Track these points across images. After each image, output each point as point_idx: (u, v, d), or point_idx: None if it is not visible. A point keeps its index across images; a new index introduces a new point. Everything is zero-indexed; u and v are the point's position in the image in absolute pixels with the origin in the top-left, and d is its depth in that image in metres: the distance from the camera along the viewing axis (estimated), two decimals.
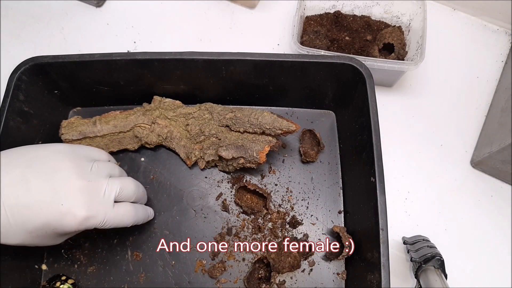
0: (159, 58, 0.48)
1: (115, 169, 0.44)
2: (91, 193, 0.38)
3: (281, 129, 0.48)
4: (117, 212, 0.40)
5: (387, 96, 0.60)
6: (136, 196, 0.44)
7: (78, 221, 0.37)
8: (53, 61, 0.48)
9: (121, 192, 0.41)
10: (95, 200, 0.38)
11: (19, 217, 0.35)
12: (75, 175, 0.38)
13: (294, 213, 0.51)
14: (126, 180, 0.43)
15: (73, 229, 0.37)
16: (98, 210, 0.38)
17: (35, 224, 0.36)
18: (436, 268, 0.46)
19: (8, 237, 0.36)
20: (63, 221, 0.36)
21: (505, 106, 0.54)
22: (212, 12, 0.67)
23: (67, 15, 0.66)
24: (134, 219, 0.43)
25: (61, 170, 0.38)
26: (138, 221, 0.44)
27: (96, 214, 0.38)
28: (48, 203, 0.36)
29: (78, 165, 0.39)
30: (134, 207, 0.43)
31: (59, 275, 0.48)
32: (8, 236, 0.36)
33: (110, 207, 0.40)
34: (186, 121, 0.53)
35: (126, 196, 0.42)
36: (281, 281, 0.47)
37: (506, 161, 0.51)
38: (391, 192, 0.54)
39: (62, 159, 0.39)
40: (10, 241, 0.37)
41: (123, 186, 0.41)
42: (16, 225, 0.35)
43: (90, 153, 0.43)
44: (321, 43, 0.58)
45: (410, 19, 0.59)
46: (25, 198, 0.35)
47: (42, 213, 0.36)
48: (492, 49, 0.64)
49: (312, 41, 0.58)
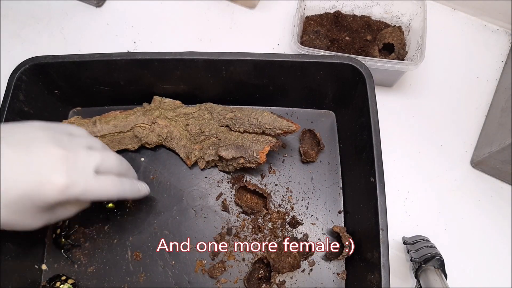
0: (159, 58, 0.48)
1: (96, 143, 0.42)
2: (69, 161, 0.36)
3: (281, 129, 0.48)
4: (99, 182, 0.38)
5: (387, 96, 0.60)
6: (119, 170, 0.42)
7: (58, 189, 0.35)
8: (53, 61, 0.48)
9: (102, 163, 0.39)
10: (74, 168, 0.36)
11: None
12: (51, 144, 0.36)
13: (294, 213, 0.51)
14: (107, 152, 0.41)
15: (53, 198, 0.35)
16: (77, 178, 0.36)
17: (12, 196, 0.34)
18: (436, 268, 0.46)
19: None
20: (41, 190, 0.34)
21: (505, 106, 0.54)
22: (212, 12, 0.67)
23: (67, 15, 0.66)
24: (118, 190, 0.41)
25: (35, 139, 0.36)
26: (125, 193, 0.42)
27: (76, 182, 0.36)
28: (23, 172, 0.34)
29: (54, 136, 0.37)
30: (119, 179, 0.41)
31: (59, 275, 0.48)
32: None
33: (91, 176, 0.38)
34: (186, 121, 0.53)
35: (108, 168, 0.40)
36: (281, 281, 0.47)
37: (506, 161, 0.51)
38: (391, 192, 0.54)
39: (36, 131, 0.37)
40: None
41: (104, 157, 0.39)
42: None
43: (67, 128, 0.41)
44: (321, 43, 0.58)
45: (410, 19, 0.59)
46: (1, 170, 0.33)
47: (18, 183, 0.34)
48: (492, 49, 0.64)
49: (312, 41, 0.58)
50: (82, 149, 0.38)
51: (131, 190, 0.44)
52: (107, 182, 0.39)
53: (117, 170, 0.42)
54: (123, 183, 0.42)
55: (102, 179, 0.39)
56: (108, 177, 0.40)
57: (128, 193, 0.43)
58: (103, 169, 0.40)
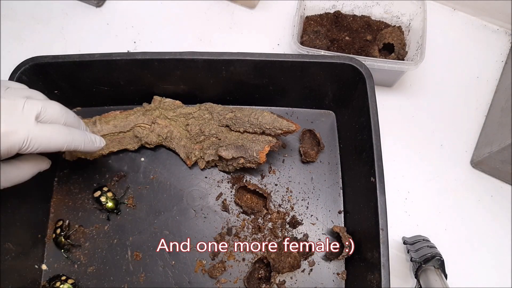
0: (159, 58, 0.48)
1: (38, 95, 0.40)
2: (6, 109, 0.35)
3: (281, 129, 0.48)
4: (43, 130, 0.36)
5: (387, 96, 0.60)
6: (66, 120, 0.39)
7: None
8: (53, 61, 0.48)
9: (44, 111, 0.37)
10: (12, 115, 0.35)
11: None
12: None
13: (294, 213, 0.51)
14: (49, 101, 0.39)
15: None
16: (17, 125, 0.34)
17: None
18: (436, 268, 0.46)
19: None
20: None
21: (505, 106, 0.54)
22: (212, 12, 0.67)
23: (67, 15, 0.66)
24: (66, 138, 0.38)
25: None
26: (75, 143, 0.40)
27: (16, 130, 0.34)
28: None
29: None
30: (67, 128, 0.39)
31: (59, 275, 0.48)
32: None
33: (33, 124, 0.36)
34: (186, 121, 0.53)
35: (51, 117, 0.38)
36: (281, 281, 0.47)
37: (506, 161, 0.51)
38: (391, 192, 0.54)
39: None
40: None
41: (45, 106, 0.37)
42: None
43: (4, 82, 0.40)
44: (321, 43, 0.58)
45: (410, 19, 0.59)
46: None
47: None
48: (492, 49, 0.64)
49: (312, 41, 0.58)
50: (20, 98, 0.36)
51: (83, 139, 0.41)
52: (52, 130, 0.37)
53: (64, 119, 0.40)
54: (72, 131, 0.40)
55: (46, 126, 0.37)
56: (54, 125, 0.38)
57: (79, 143, 0.41)
58: (46, 118, 0.38)
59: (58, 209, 0.51)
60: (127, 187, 0.52)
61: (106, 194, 0.50)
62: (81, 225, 0.50)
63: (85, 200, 0.52)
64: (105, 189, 0.51)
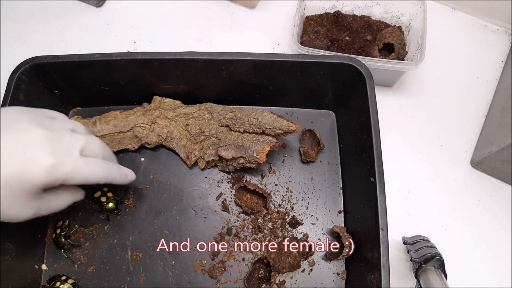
0: (159, 58, 0.48)
1: (79, 127, 0.41)
2: (54, 142, 0.36)
3: (281, 129, 0.48)
4: (86, 163, 0.38)
5: (387, 96, 0.60)
6: (104, 155, 0.41)
7: (44, 169, 0.34)
8: (53, 61, 0.48)
9: (87, 145, 0.39)
10: (60, 148, 0.36)
11: None
12: (34, 125, 0.35)
13: (294, 213, 0.51)
14: (91, 136, 0.41)
15: (41, 179, 0.34)
16: (64, 158, 0.36)
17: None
18: (436, 268, 0.46)
19: None
20: (28, 171, 0.34)
21: (505, 106, 0.54)
22: (212, 12, 0.67)
23: (67, 15, 0.66)
24: (105, 172, 0.40)
25: (19, 122, 0.35)
26: (112, 176, 0.41)
27: (63, 163, 0.35)
28: (8, 154, 0.33)
29: (37, 119, 0.37)
30: (106, 161, 0.41)
31: (59, 275, 0.48)
32: None
33: (77, 157, 0.37)
34: (186, 121, 0.53)
35: (92, 151, 0.40)
36: (281, 281, 0.47)
37: (506, 161, 0.51)
38: (391, 192, 0.54)
39: (18, 114, 0.36)
40: None
41: (88, 140, 0.39)
42: None
43: (48, 112, 0.41)
44: (321, 43, 0.58)
45: (410, 19, 0.59)
46: None
47: (4, 165, 0.33)
48: (492, 49, 0.64)
49: (312, 41, 0.58)
50: (66, 131, 0.38)
51: (119, 174, 0.43)
52: (94, 164, 0.39)
53: (102, 154, 0.41)
54: (110, 165, 0.41)
55: (88, 160, 0.38)
56: (94, 159, 0.39)
57: (115, 176, 0.42)
58: (88, 152, 0.39)
59: None
60: (126, 187, 0.52)
61: (107, 194, 0.50)
62: (81, 225, 0.50)
63: (85, 200, 0.52)
64: (105, 189, 0.51)
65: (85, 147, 0.39)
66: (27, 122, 0.36)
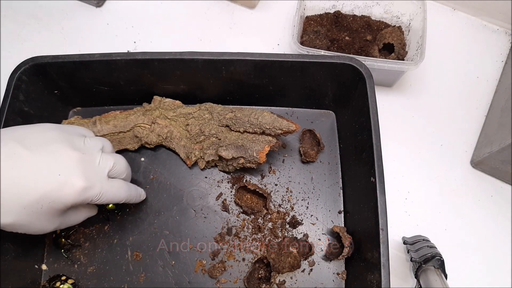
0: (159, 58, 0.48)
1: (107, 145, 0.44)
2: (86, 164, 0.38)
3: (281, 129, 0.48)
4: (112, 185, 0.40)
5: (387, 96, 0.60)
6: (126, 173, 0.44)
7: (77, 191, 0.36)
8: (53, 61, 0.48)
9: (114, 166, 0.41)
10: (91, 171, 0.38)
11: (14, 190, 0.33)
12: (68, 147, 0.37)
13: (294, 213, 0.51)
14: (117, 156, 0.43)
15: (72, 200, 0.36)
16: (94, 181, 0.38)
17: (32, 197, 0.34)
18: (436, 268, 0.46)
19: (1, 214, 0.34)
20: (61, 192, 0.35)
21: (505, 106, 0.54)
22: (212, 12, 0.67)
23: (67, 15, 0.66)
24: (127, 193, 0.43)
25: (53, 142, 0.37)
26: (131, 197, 0.44)
27: (93, 185, 0.37)
28: (44, 174, 0.35)
29: (70, 139, 0.38)
30: (127, 183, 0.43)
31: (59, 275, 0.48)
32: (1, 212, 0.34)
33: (105, 180, 0.39)
34: (186, 121, 0.53)
35: (118, 172, 0.42)
36: (281, 281, 0.47)
37: (506, 161, 0.51)
38: (391, 192, 0.54)
39: (53, 133, 0.38)
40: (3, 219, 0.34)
41: (116, 161, 0.41)
42: (10, 200, 0.34)
43: (79, 130, 0.43)
44: (321, 43, 0.58)
45: (410, 19, 0.59)
46: (20, 171, 0.34)
47: (39, 184, 0.34)
48: (492, 49, 0.64)
49: (312, 41, 0.58)
50: (96, 152, 0.40)
51: (136, 194, 0.46)
52: (118, 186, 0.41)
53: (125, 174, 0.43)
54: (130, 187, 0.44)
55: (114, 183, 0.41)
56: (119, 181, 0.42)
57: (133, 197, 0.45)
58: (113, 173, 0.41)
59: None
60: None
61: None
62: (81, 225, 0.50)
63: None
64: None
65: (113, 168, 0.41)
66: (61, 142, 0.37)
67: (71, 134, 0.39)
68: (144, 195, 0.49)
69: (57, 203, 0.36)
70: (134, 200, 0.46)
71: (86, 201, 0.38)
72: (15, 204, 0.34)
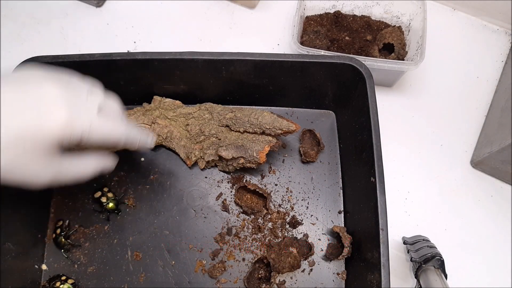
0: (159, 58, 0.48)
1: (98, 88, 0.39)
2: (70, 97, 0.34)
3: (281, 129, 0.48)
4: (104, 120, 0.36)
5: (387, 96, 0.60)
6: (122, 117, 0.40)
7: (59, 123, 0.32)
8: (53, 61, 0.48)
9: (105, 103, 0.37)
10: (75, 103, 0.34)
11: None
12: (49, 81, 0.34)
13: (294, 213, 0.51)
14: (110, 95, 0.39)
15: (56, 134, 0.33)
16: (80, 113, 0.34)
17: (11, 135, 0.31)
18: (436, 268, 0.46)
19: None
20: (41, 125, 0.32)
21: (505, 106, 0.54)
22: (212, 12, 0.67)
23: (67, 15, 0.66)
24: (126, 131, 0.38)
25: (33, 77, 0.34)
26: (131, 136, 0.40)
27: (79, 117, 0.34)
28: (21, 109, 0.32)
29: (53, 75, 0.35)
30: (125, 123, 0.39)
31: (59, 275, 0.48)
32: None
33: (94, 114, 0.35)
34: (186, 121, 0.53)
35: (110, 111, 0.38)
36: (281, 281, 0.47)
37: (506, 161, 0.51)
38: (391, 192, 0.54)
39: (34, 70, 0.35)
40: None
41: (106, 99, 0.37)
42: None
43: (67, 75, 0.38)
44: (321, 43, 0.58)
45: (410, 19, 0.59)
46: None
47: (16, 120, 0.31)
48: (492, 49, 0.64)
49: (312, 41, 0.58)
50: (83, 89, 0.36)
51: (139, 136, 0.41)
52: (113, 122, 0.37)
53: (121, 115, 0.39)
54: (129, 126, 0.40)
55: (107, 118, 0.37)
56: (113, 118, 0.38)
57: (135, 136, 0.40)
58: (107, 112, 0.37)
59: (58, 209, 0.51)
60: (126, 187, 0.52)
61: (107, 194, 0.50)
62: (81, 225, 0.50)
63: (85, 200, 0.52)
64: (105, 190, 0.51)
65: (103, 104, 0.37)
66: (43, 78, 0.34)
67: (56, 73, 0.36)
68: (152, 141, 0.43)
69: (41, 139, 0.32)
70: (137, 143, 0.40)
71: (74, 137, 0.34)
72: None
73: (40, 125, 0.32)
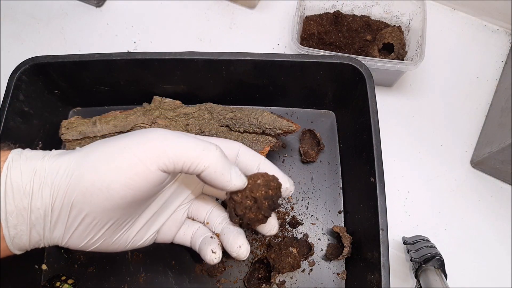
0: (159, 58, 0.48)
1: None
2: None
3: (281, 129, 0.48)
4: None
5: (387, 96, 0.60)
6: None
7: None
8: (53, 61, 0.48)
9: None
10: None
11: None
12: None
13: (294, 213, 0.51)
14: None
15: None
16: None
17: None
18: (436, 268, 0.46)
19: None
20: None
21: (505, 106, 0.54)
22: (212, 12, 0.67)
23: (67, 15, 0.66)
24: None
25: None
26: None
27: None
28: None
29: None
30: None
31: (59, 275, 0.48)
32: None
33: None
34: (186, 121, 0.53)
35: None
36: (281, 281, 0.47)
37: (506, 161, 0.51)
38: (391, 192, 0.54)
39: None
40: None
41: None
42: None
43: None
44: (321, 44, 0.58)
45: (410, 19, 0.59)
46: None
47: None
48: (492, 49, 0.64)
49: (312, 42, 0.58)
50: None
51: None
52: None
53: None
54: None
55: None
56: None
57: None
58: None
59: None
60: None
61: None
62: None
63: None
64: None
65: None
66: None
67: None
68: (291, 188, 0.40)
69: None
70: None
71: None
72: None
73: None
